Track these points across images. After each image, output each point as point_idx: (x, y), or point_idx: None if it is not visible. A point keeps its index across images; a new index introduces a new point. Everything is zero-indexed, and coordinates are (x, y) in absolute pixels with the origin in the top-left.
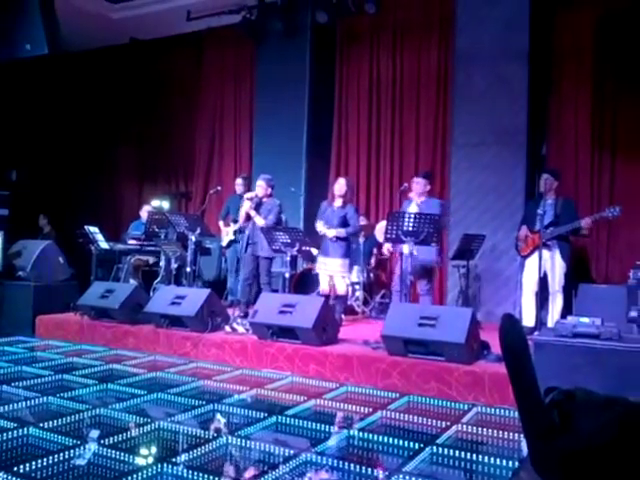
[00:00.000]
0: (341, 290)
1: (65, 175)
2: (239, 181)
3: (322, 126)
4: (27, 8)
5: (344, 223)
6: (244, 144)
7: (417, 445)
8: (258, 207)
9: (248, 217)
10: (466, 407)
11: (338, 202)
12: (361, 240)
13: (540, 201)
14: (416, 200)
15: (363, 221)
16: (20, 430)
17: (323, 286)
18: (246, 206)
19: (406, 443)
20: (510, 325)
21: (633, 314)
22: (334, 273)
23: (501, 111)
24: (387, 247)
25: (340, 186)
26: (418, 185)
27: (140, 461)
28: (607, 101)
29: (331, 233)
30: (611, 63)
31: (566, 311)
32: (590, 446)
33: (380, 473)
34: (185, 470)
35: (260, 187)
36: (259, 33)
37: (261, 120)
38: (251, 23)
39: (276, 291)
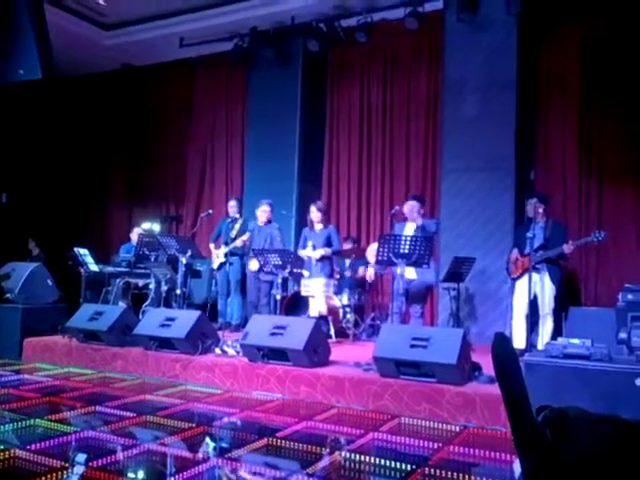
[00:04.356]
0: (323, 310)
1: (55, 198)
2: (233, 203)
3: (313, 150)
4: (20, 33)
5: (329, 243)
6: (235, 168)
7: (409, 466)
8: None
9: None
10: (458, 428)
11: (319, 226)
12: (347, 262)
13: (530, 224)
14: (418, 221)
15: (348, 245)
16: (7, 452)
17: (312, 310)
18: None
19: (398, 464)
20: (502, 343)
21: (623, 335)
22: (317, 293)
23: (490, 137)
24: (370, 273)
25: (314, 213)
26: (414, 208)
27: None
28: (594, 127)
29: (318, 254)
30: (598, 89)
31: (556, 334)
32: (582, 462)
33: None
34: None
35: (265, 212)
36: (251, 60)
37: (253, 144)
38: (243, 50)
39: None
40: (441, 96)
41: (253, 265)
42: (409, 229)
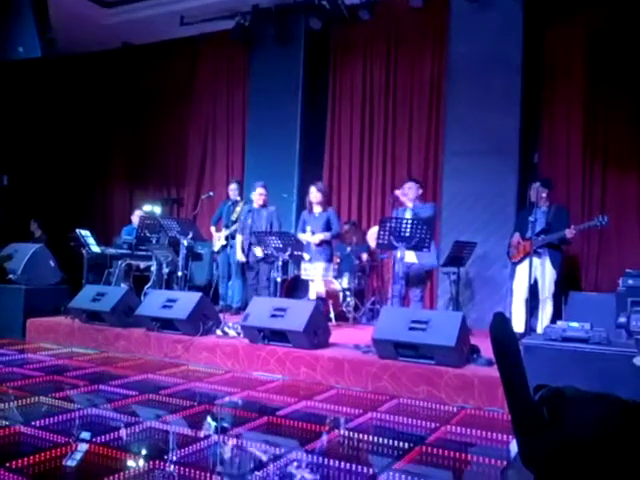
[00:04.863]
0: (322, 291)
1: (56, 179)
2: (233, 186)
3: (315, 133)
4: (20, 11)
5: (328, 227)
6: (237, 150)
7: (406, 445)
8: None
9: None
10: (455, 409)
11: (317, 209)
12: (349, 248)
13: (533, 208)
14: (409, 205)
15: (349, 229)
16: (11, 428)
17: (312, 293)
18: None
19: (395, 443)
20: (501, 323)
21: (622, 320)
22: (316, 277)
23: (493, 120)
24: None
25: (313, 194)
26: (411, 190)
27: (130, 459)
28: (599, 110)
29: (317, 238)
30: (603, 73)
31: (556, 318)
32: (578, 440)
33: (370, 471)
34: (175, 467)
35: (262, 195)
36: (253, 39)
37: (254, 126)
38: (245, 29)
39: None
40: (445, 77)
41: (258, 251)
42: (407, 214)
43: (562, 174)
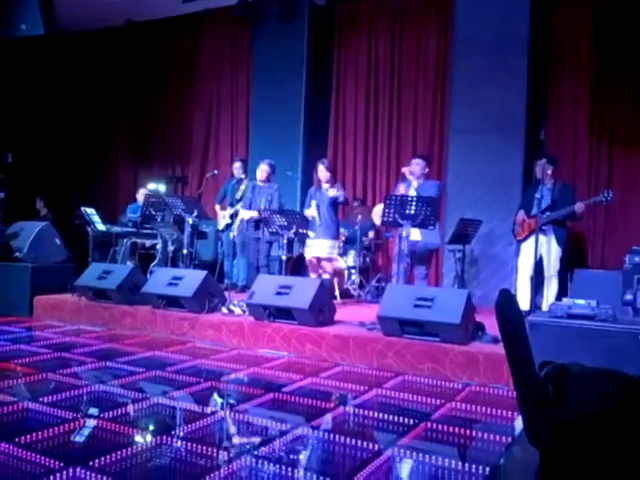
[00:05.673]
0: (329, 270)
1: (61, 158)
2: (237, 164)
3: (319, 110)
4: None
5: (335, 201)
6: (241, 128)
7: (411, 421)
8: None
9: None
10: (460, 386)
11: (326, 185)
12: (357, 224)
13: (538, 186)
14: (414, 183)
15: (357, 206)
16: (19, 404)
17: (312, 271)
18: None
19: (400, 419)
20: (507, 299)
21: (628, 297)
22: (321, 255)
23: (500, 97)
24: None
25: (323, 173)
26: (418, 166)
27: (138, 434)
28: (606, 88)
29: (331, 193)
30: (610, 50)
31: (561, 295)
32: (583, 417)
33: (375, 447)
34: (182, 443)
35: (263, 172)
36: (256, 16)
37: (258, 104)
38: (248, 5)
39: (273, 274)
40: (450, 53)
41: (245, 214)
42: (411, 191)
43: (568, 151)
